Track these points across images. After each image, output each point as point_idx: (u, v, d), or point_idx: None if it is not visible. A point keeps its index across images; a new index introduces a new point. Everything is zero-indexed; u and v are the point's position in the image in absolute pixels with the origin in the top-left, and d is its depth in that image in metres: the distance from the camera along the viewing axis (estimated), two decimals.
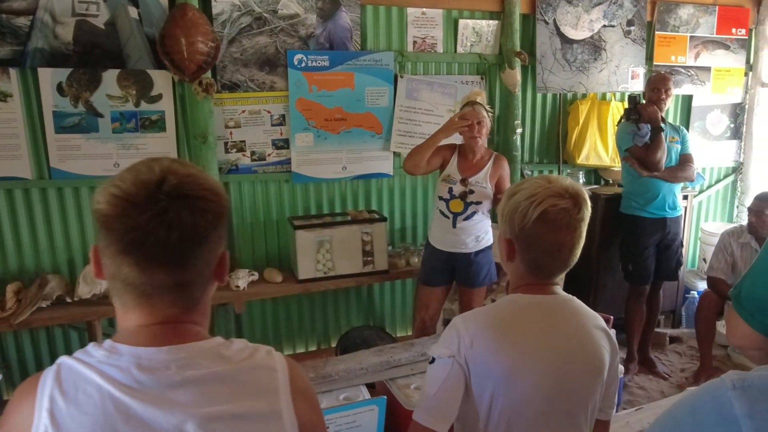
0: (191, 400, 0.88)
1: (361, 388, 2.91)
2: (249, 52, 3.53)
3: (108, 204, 0.89)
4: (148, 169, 0.91)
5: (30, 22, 3.08)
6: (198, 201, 0.90)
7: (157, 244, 0.87)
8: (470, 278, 3.36)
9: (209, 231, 0.92)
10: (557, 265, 1.39)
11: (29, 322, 3.06)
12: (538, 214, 1.32)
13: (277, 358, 1.00)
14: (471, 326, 1.35)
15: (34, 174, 3.27)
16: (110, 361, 0.89)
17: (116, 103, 3.34)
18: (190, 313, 0.97)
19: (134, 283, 0.90)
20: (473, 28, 4.00)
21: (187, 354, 0.91)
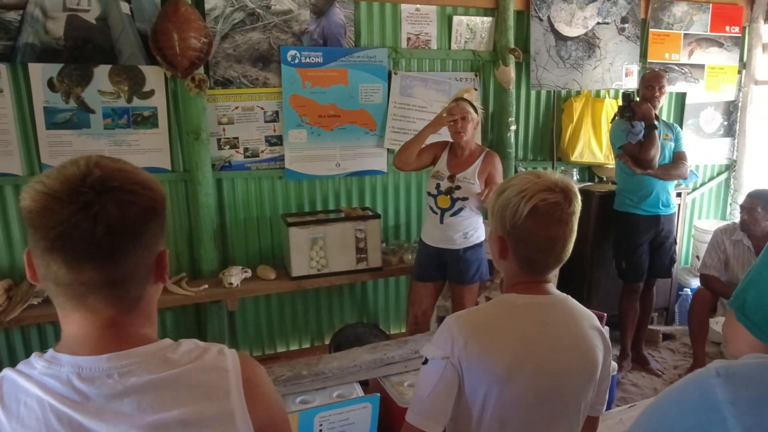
0: (135, 409, 0.86)
1: (355, 385, 2.90)
2: (242, 48, 3.51)
3: (32, 200, 0.86)
4: (74, 164, 0.89)
5: (20, 16, 3.05)
6: (125, 194, 0.87)
7: (82, 238, 0.84)
8: (460, 275, 3.36)
9: (139, 225, 0.89)
10: (551, 261, 1.38)
11: (20, 320, 3.04)
12: (530, 209, 1.31)
13: (229, 357, 0.96)
14: (465, 327, 1.33)
15: (25, 170, 3.25)
16: (50, 372, 0.87)
17: (108, 98, 3.32)
18: (130, 315, 0.93)
19: (65, 283, 0.87)
20: (467, 24, 3.99)
21: (129, 361, 0.88)
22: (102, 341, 0.89)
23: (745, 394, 0.52)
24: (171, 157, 3.49)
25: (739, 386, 0.53)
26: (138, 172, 0.93)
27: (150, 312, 0.98)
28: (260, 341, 3.96)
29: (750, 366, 0.54)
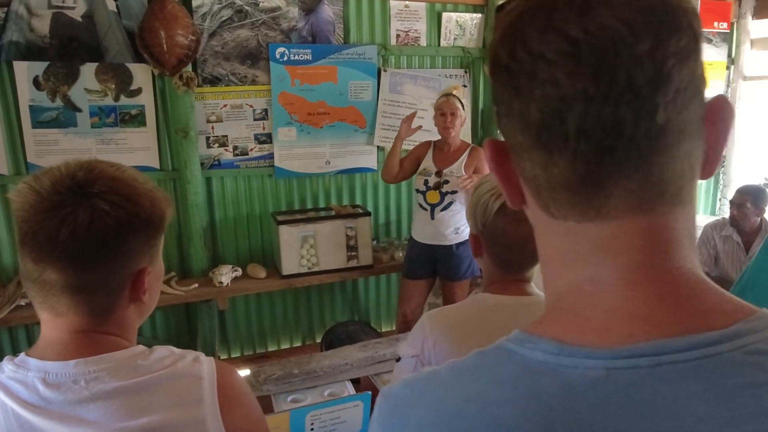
0: (101, 416, 0.84)
1: (346, 383, 2.89)
2: (230, 45, 3.48)
3: (18, 193, 0.86)
4: (68, 164, 0.88)
5: (5, 14, 3.02)
6: (101, 203, 0.85)
7: (47, 238, 0.83)
8: (451, 271, 3.37)
9: (110, 237, 0.86)
10: (524, 260, 1.34)
11: (8, 320, 3.02)
12: (498, 207, 1.28)
13: (205, 364, 0.93)
14: (435, 326, 1.32)
15: (11, 170, 3.21)
16: (17, 376, 0.85)
17: (95, 97, 3.29)
18: (101, 324, 0.90)
19: (32, 278, 0.87)
20: (457, 21, 3.98)
21: (97, 367, 0.86)
22: (71, 346, 0.88)
23: (384, 410, 0.57)
24: (159, 156, 3.46)
25: (384, 403, 0.57)
26: (132, 183, 0.90)
27: (125, 324, 0.94)
28: (251, 340, 3.94)
29: (400, 383, 0.58)
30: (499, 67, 0.49)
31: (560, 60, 0.45)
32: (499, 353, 0.52)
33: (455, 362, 0.55)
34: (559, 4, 0.45)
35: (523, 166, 0.51)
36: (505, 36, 0.48)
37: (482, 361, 0.53)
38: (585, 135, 0.45)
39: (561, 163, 0.47)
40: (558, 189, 0.49)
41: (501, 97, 0.50)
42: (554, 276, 0.54)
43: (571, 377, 0.46)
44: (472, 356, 0.54)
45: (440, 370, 0.56)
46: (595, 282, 0.49)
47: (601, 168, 0.46)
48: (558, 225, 0.51)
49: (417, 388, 0.56)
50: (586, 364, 0.46)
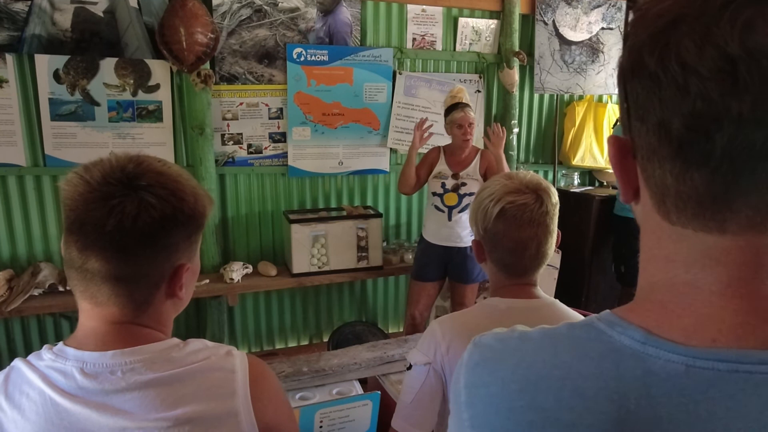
0: (136, 406, 0.86)
1: (354, 382, 2.90)
2: (248, 44, 3.51)
3: (68, 182, 0.89)
4: (118, 157, 0.91)
5: (28, 7, 3.06)
6: (149, 196, 0.87)
7: (94, 227, 0.85)
8: (464, 274, 3.40)
9: (155, 231, 0.88)
10: (527, 264, 1.35)
11: (21, 310, 3.04)
12: (498, 211, 1.30)
13: (237, 358, 0.95)
14: (448, 332, 1.32)
15: (29, 161, 3.25)
16: (56, 365, 0.87)
17: (113, 91, 3.32)
18: (139, 316, 0.92)
19: (75, 266, 0.88)
20: (473, 26, 4.00)
21: (133, 358, 0.88)
22: (108, 337, 0.90)
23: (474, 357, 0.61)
24: (174, 152, 3.49)
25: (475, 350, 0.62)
26: (177, 179, 0.93)
27: (161, 318, 0.96)
28: (259, 337, 3.96)
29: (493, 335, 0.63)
30: (643, 73, 0.49)
31: (716, 78, 0.44)
32: (589, 330, 0.55)
33: (546, 329, 0.59)
34: (721, 20, 0.44)
35: (652, 171, 0.51)
36: (656, 41, 0.47)
37: (572, 333, 0.56)
38: (730, 156, 0.45)
39: (697, 177, 0.48)
40: (686, 200, 0.49)
41: (638, 101, 0.50)
42: (653, 270, 0.56)
43: (652, 366, 0.49)
44: (564, 327, 0.58)
45: (533, 334, 0.60)
46: (692, 286, 0.51)
47: (737, 187, 0.47)
48: (673, 230, 0.52)
49: (509, 344, 0.60)
50: (668, 357, 0.49)
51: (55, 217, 3.36)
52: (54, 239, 3.38)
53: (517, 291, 1.38)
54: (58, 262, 3.37)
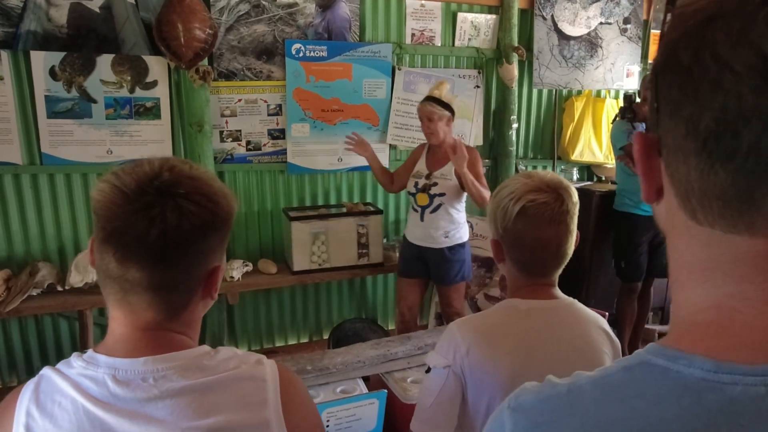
0: (168, 414, 0.85)
1: (358, 381, 2.89)
2: (247, 40, 3.48)
3: (100, 191, 0.87)
4: (149, 163, 0.90)
5: (23, 3, 3.01)
6: (188, 203, 0.87)
7: (136, 238, 0.85)
8: (442, 276, 3.35)
9: (195, 237, 0.88)
10: (547, 263, 1.35)
11: (19, 311, 3.00)
12: (518, 210, 1.29)
13: (268, 367, 0.94)
14: (467, 334, 1.31)
15: (25, 159, 3.21)
16: (87, 373, 0.86)
17: (110, 88, 3.28)
18: (171, 322, 0.92)
19: (113, 276, 0.87)
20: (471, 21, 3.98)
21: (165, 365, 0.87)
22: (140, 344, 0.89)
23: (524, 424, 0.57)
24: (173, 149, 3.46)
25: (519, 417, 0.58)
26: (210, 182, 0.92)
27: (193, 323, 0.97)
28: (259, 335, 3.94)
29: (532, 394, 0.59)
30: (677, 67, 0.48)
31: (749, 74, 0.44)
32: (650, 370, 0.52)
33: (595, 377, 0.55)
34: (757, 18, 0.44)
35: (676, 168, 0.51)
36: (691, 37, 0.47)
37: (630, 377, 0.53)
38: (756, 152, 0.45)
39: (721, 174, 0.47)
40: (711, 198, 0.49)
41: (670, 96, 0.50)
42: (689, 283, 0.53)
43: (732, 394, 0.47)
44: (617, 371, 0.54)
45: (582, 385, 0.55)
46: (740, 298, 0.49)
47: (761, 185, 0.46)
48: (701, 231, 0.51)
49: (559, 404, 0.56)
50: (746, 381, 0.47)
51: (53, 216, 3.32)
52: (51, 238, 3.34)
53: (536, 291, 1.37)
54: (56, 261, 3.33)
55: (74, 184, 3.33)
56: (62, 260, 3.35)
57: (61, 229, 3.35)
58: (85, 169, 3.31)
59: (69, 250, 3.36)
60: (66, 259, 3.33)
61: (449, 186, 3.21)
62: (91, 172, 3.33)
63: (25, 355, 3.42)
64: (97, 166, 3.31)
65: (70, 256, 3.31)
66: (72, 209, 3.34)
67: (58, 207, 3.32)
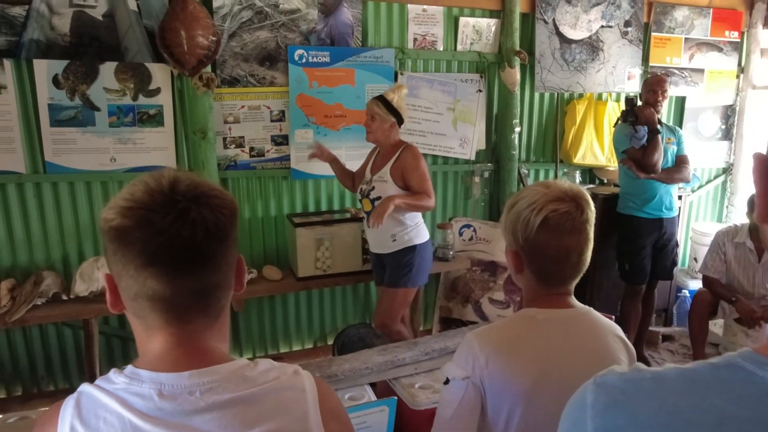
0: (216, 426, 0.86)
1: (366, 387, 2.88)
2: (249, 46, 3.48)
3: (123, 217, 0.86)
4: (153, 178, 0.90)
5: (26, 12, 3.00)
6: (213, 199, 0.90)
7: (184, 246, 0.85)
8: (389, 278, 3.26)
9: (229, 228, 0.91)
10: (567, 272, 1.35)
11: (24, 320, 2.98)
12: (540, 221, 1.29)
13: (305, 377, 0.96)
14: (486, 345, 1.31)
15: (29, 168, 3.20)
16: (132, 388, 0.87)
17: (113, 96, 3.27)
18: (212, 329, 0.94)
19: (163, 297, 0.87)
20: (473, 26, 3.99)
21: (210, 378, 0.88)
22: (184, 358, 0.90)
23: (604, 400, 0.60)
24: (176, 156, 3.45)
25: (602, 392, 0.61)
26: (210, 181, 0.95)
27: (226, 326, 0.99)
28: (263, 341, 3.93)
29: (618, 376, 0.62)
30: None
31: None
32: (736, 371, 0.55)
33: (682, 369, 0.58)
34: None
35: None
36: None
37: (716, 375, 0.56)
38: None
39: None
40: None
41: None
42: None
43: None
44: (704, 368, 0.57)
45: (667, 374, 0.58)
46: None
47: None
48: None
49: (643, 386, 0.59)
50: None
51: (57, 225, 3.31)
52: (55, 247, 3.32)
53: (553, 301, 1.37)
54: (60, 270, 3.32)
55: (78, 193, 3.31)
56: (66, 269, 3.34)
57: (65, 238, 3.34)
58: (88, 178, 3.30)
59: (73, 258, 3.35)
60: (70, 268, 3.32)
61: (386, 188, 3.10)
62: (95, 181, 3.32)
63: (29, 364, 3.41)
64: (101, 174, 3.31)
65: (74, 264, 3.30)
66: (76, 217, 3.33)
67: (62, 215, 3.31)
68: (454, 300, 4.17)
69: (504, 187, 4.25)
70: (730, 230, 3.93)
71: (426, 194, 3.09)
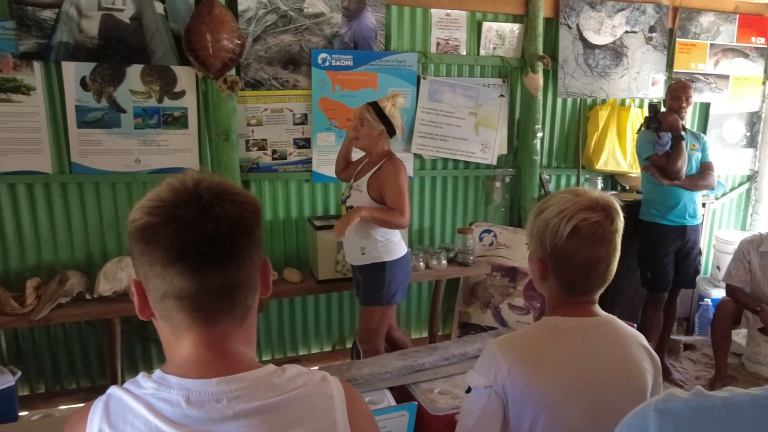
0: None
1: (385, 392, 2.89)
2: (273, 50, 3.50)
3: (150, 215, 0.87)
4: (177, 179, 0.91)
5: (56, 15, 3.05)
6: (236, 196, 0.91)
7: (209, 240, 0.86)
8: (361, 294, 3.20)
9: (253, 224, 0.92)
10: (594, 281, 1.35)
11: (48, 319, 3.01)
12: (570, 229, 1.28)
13: (333, 384, 0.96)
14: (508, 353, 1.30)
15: (55, 168, 3.24)
16: (160, 394, 0.87)
17: (139, 98, 3.31)
18: (239, 331, 0.94)
19: (189, 294, 0.87)
20: (497, 31, 3.98)
21: (238, 385, 0.88)
22: (212, 364, 0.90)
23: (668, 428, 0.57)
24: (200, 158, 3.48)
25: (668, 422, 0.58)
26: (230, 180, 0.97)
27: (253, 330, 0.99)
28: (282, 343, 3.95)
29: (683, 402, 0.59)
30: None
31: None
32: None
33: (755, 396, 0.56)
34: None
35: None
36: None
37: None
38: None
39: None
40: None
41: None
42: None
43: None
44: None
45: (739, 402, 0.56)
46: None
47: None
48: None
49: (712, 415, 0.56)
50: None
51: (81, 225, 3.35)
52: (80, 246, 3.37)
53: (577, 309, 1.36)
54: (85, 269, 3.36)
55: (103, 193, 3.35)
56: (90, 268, 3.37)
57: (89, 238, 3.38)
58: (113, 178, 3.33)
59: (96, 258, 3.39)
60: (94, 268, 3.35)
61: (359, 198, 3.02)
62: (119, 182, 3.36)
63: (52, 362, 3.45)
64: (125, 175, 3.34)
65: (98, 264, 3.33)
66: (100, 218, 3.37)
67: (87, 216, 3.35)
68: (473, 305, 4.15)
69: (525, 193, 4.23)
70: (755, 239, 3.88)
71: (399, 211, 2.95)
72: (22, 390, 3.38)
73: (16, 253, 3.27)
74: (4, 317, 2.96)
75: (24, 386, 3.40)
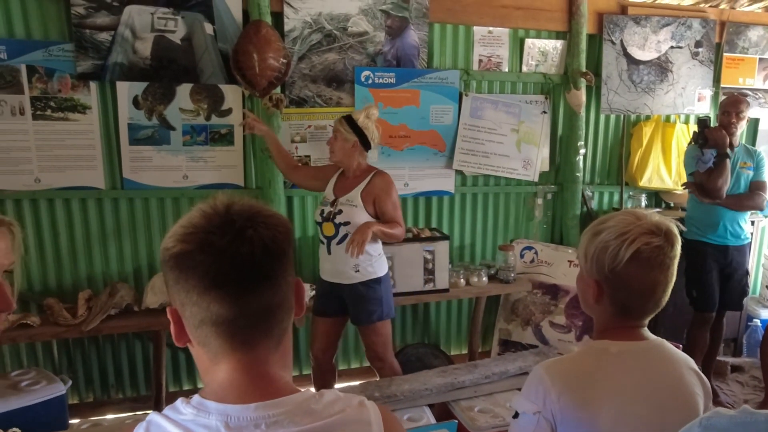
0: None
1: (425, 408, 2.89)
2: (318, 68, 3.56)
3: (183, 242, 0.87)
4: (208, 204, 0.91)
5: (111, 37, 3.16)
6: (268, 218, 0.90)
7: (244, 264, 0.85)
8: (358, 315, 3.09)
9: (285, 246, 0.91)
10: (649, 306, 1.33)
11: (98, 330, 3.10)
12: (632, 253, 1.26)
13: (371, 409, 0.95)
14: (557, 378, 1.29)
15: (107, 184, 3.35)
16: (199, 420, 0.87)
17: (188, 116, 3.40)
18: (276, 353, 0.94)
19: (227, 320, 0.87)
20: (539, 48, 3.97)
21: (276, 411, 0.87)
22: (250, 389, 0.90)
23: None
24: (245, 174, 3.55)
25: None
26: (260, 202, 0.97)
27: (289, 352, 0.99)
28: None
29: (727, 419, 0.59)
30: None
31: None
32: None
33: None
34: None
35: None
36: None
37: None
38: None
39: None
40: None
41: None
42: None
43: None
44: None
45: None
46: None
47: None
48: None
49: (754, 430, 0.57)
50: None
51: (131, 239, 3.45)
52: (128, 260, 3.47)
53: (627, 333, 1.35)
54: (133, 282, 3.46)
55: (151, 208, 3.45)
56: (138, 281, 3.47)
57: (138, 252, 3.48)
58: (162, 194, 3.43)
59: (144, 271, 3.49)
60: (142, 280, 3.45)
61: (356, 213, 2.95)
62: (168, 197, 3.46)
63: (101, 373, 3.55)
64: (173, 191, 3.44)
65: (146, 277, 3.43)
66: (149, 232, 3.47)
67: (136, 230, 3.45)
68: (513, 322, 4.12)
69: (567, 210, 4.19)
70: None
71: (398, 223, 2.99)
72: (72, 398, 3.48)
73: (69, 266, 3.38)
74: (57, 328, 3.06)
75: (74, 395, 3.51)
